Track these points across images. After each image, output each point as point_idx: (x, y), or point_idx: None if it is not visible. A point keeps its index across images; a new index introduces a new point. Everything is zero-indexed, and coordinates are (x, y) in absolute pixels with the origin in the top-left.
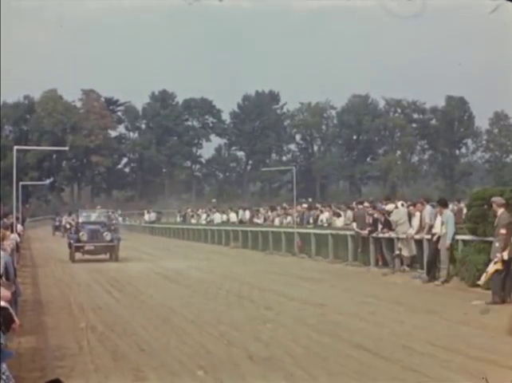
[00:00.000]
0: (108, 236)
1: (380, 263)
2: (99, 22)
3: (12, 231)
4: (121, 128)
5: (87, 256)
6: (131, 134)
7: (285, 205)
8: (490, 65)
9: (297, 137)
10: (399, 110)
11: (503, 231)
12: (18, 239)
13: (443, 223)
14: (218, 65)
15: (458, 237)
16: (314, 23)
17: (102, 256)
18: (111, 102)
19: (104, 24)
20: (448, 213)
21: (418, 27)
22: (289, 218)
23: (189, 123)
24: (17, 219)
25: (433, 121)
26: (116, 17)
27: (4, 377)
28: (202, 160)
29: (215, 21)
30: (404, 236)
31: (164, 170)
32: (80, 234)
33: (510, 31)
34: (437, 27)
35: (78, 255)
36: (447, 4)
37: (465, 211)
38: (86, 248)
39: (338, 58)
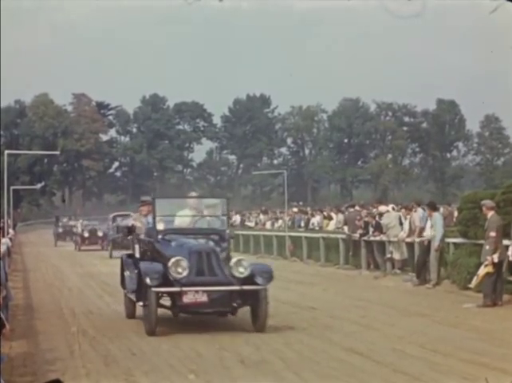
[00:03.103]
0: (241, 268)
1: (372, 266)
2: (90, 26)
3: (3, 236)
4: (112, 132)
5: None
6: (123, 138)
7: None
8: (482, 68)
9: (288, 141)
10: (390, 113)
11: (493, 234)
12: (10, 244)
13: (432, 226)
14: (209, 68)
15: (450, 240)
16: (305, 27)
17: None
18: (102, 106)
19: (96, 27)
20: (437, 215)
21: (411, 30)
22: (280, 221)
23: (180, 127)
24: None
25: (424, 124)
26: (107, 21)
27: None
28: (194, 164)
29: (205, 24)
30: (396, 239)
31: (155, 174)
32: (172, 262)
33: (506, 33)
34: (430, 30)
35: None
36: (443, 5)
37: (456, 214)
38: (188, 299)
39: (329, 62)
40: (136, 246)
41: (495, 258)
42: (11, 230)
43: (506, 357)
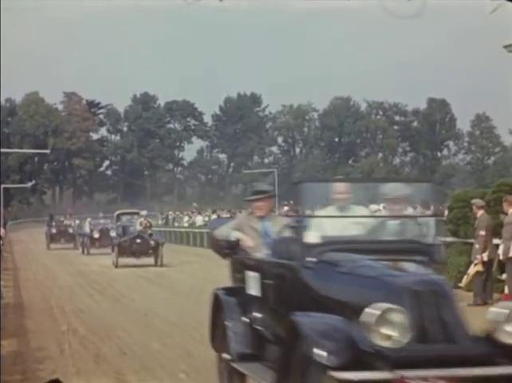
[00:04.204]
0: None
1: None
2: (81, 25)
3: None
4: (103, 131)
5: None
6: (113, 137)
7: None
8: (473, 67)
9: (279, 140)
10: (380, 112)
11: (483, 233)
12: (0, 242)
13: None
14: (200, 67)
15: (440, 238)
16: (298, 26)
17: None
18: (92, 105)
19: (88, 27)
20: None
21: (403, 30)
22: None
23: (171, 125)
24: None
25: (415, 123)
26: (97, 21)
27: None
28: (184, 163)
29: (196, 23)
30: None
31: (146, 172)
32: (376, 315)
33: (504, 32)
34: (425, 30)
35: None
36: (442, 5)
37: (446, 212)
38: None
39: (320, 61)
40: (251, 275)
41: (485, 256)
42: (1, 229)
43: None
